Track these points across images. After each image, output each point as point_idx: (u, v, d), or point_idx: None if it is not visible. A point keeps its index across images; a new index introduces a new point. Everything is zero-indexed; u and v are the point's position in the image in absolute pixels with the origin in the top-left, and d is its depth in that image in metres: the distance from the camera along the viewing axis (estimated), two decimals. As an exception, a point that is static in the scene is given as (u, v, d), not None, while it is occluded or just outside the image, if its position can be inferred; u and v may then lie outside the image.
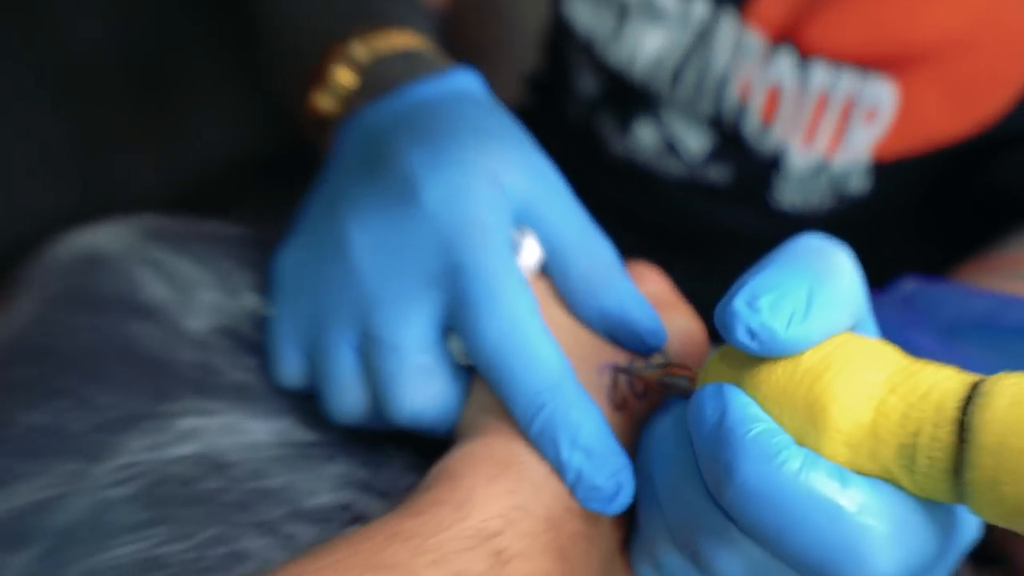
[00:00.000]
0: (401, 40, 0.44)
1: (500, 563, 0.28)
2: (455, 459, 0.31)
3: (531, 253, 0.34)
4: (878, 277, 0.41)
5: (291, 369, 0.36)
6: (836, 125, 0.53)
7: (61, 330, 0.37)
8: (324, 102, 0.43)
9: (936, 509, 0.23)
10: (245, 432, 0.35)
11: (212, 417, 0.35)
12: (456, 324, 0.32)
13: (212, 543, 0.31)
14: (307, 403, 0.36)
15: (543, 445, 0.30)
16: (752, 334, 0.23)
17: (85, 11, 1.09)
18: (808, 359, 0.24)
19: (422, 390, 0.33)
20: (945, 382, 0.22)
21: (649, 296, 0.34)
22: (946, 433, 0.21)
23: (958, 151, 0.53)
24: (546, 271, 0.34)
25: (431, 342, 0.33)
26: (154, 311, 0.37)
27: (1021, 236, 0.50)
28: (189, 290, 0.39)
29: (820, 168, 0.55)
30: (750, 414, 0.24)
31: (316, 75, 0.44)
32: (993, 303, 0.40)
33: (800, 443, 0.24)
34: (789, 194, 0.57)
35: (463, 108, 0.38)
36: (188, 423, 0.34)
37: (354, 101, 0.41)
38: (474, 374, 0.34)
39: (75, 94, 1.30)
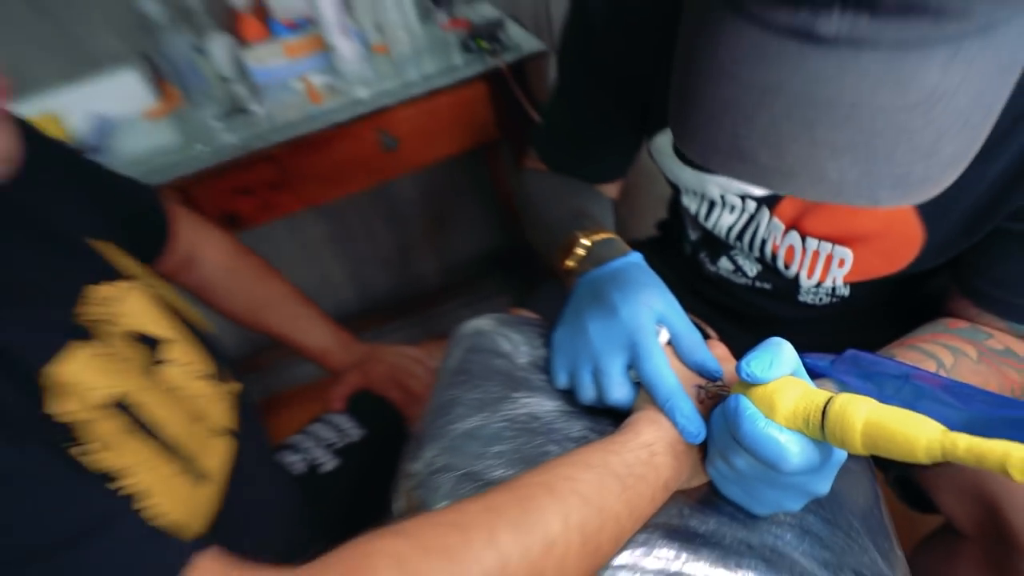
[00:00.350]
0: (604, 234, 0.66)
1: (651, 455, 0.47)
2: (632, 418, 0.51)
3: (664, 336, 0.55)
4: (856, 341, 0.60)
5: (561, 379, 0.59)
6: (823, 267, 0.70)
7: (471, 362, 0.61)
8: (569, 264, 0.65)
9: (819, 444, 0.43)
10: (544, 405, 0.58)
11: (530, 398, 0.58)
12: (634, 365, 0.54)
13: (513, 426, 0.55)
14: (568, 394, 0.59)
15: (669, 414, 0.50)
16: (747, 374, 0.43)
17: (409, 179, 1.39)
18: (770, 385, 0.44)
19: (619, 391, 0.55)
20: (820, 395, 0.41)
21: (716, 355, 0.55)
22: (818, 416, 0.40)
23: (893, 278, 0.68)
24: (671, 343, 0.55)
25: (623, 372, 0.55)
26: (504, 355, 0.62)
27: (923, 327, 0.65)
28: (517, 345, 0.63)
29: (818, 286, 0.72)
30: (746, 406, 0.44)
31: (564, 250, 0.66)
32: (885, 363, 0.52)
33: (767, 418, 0.43)
34: (804, 296, 0.75)
35: (633, 271, 0.60)
36: (522, 401, 0.57)
37: (583, 264, 0.64)
38: (640, 386, 0.54)
39: (400, 219, 1.75)
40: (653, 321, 0.56)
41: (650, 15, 0.64)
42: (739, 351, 0.55)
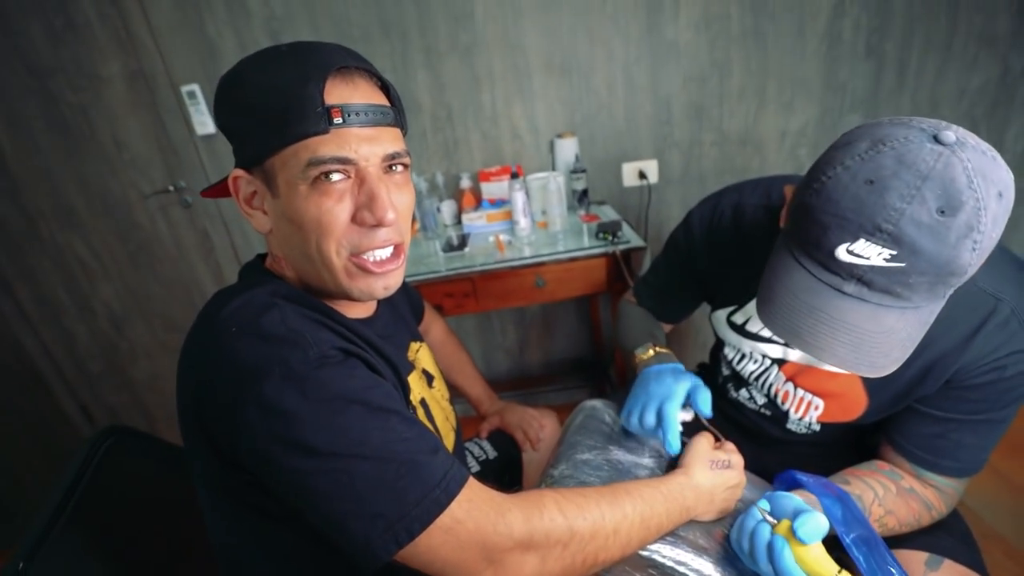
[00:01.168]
0: (665, 349, 0.76)
1: (681, 489, 0.57)
2: (674, 471, 0.60)
3: (688, 414, 0.65)
4: (831, 461, 0.67)
5: (632, 421, 0.68)
6: (805, 408, 0.72)
7: (587, 423, 0.71)
8: (643, 358, 0.75)
9: None
10: (625, 457, 0.67)
11: (618, 451, 0.67)
12: (660, 408, 0.64)
13: (608, 463, 0.64)
14: (637, 453, 0.68)
15: (663, 433, 0.61)
16: (799, 536, 0.48)
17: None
18: (809, 548, 0.49)
19: (651, 422, 0.65)
20: (832, 566, 0.47)
21: (726, 449, 0.63)
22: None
23: (846, 425, 0.71)
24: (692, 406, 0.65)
25: (655, 410, 0.65)
26: (606, 423, 0.72)
27: (862, 464, 0.67)
28: (613, 420, 0.73)
29: (800, 420, 0.74)
30: (787, 549, 0.50)
31: (642, 351, 0.76)
32: (853, 509, 0.55)
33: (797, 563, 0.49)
34: (790, 425, 0.76)
35: (678, 368, 0.69)
36: (613, 451, 0.67)
37: (649, 361, 0.74)
38: (686, 451, 0.63)
39: (524, 325, 1.89)
40: (686, 389, 0.65)
41: (729, 244, 0.74)
42: (744, 455, 0.64)
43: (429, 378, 0.72)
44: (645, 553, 0.56)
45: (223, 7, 1.48)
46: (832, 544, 0.52)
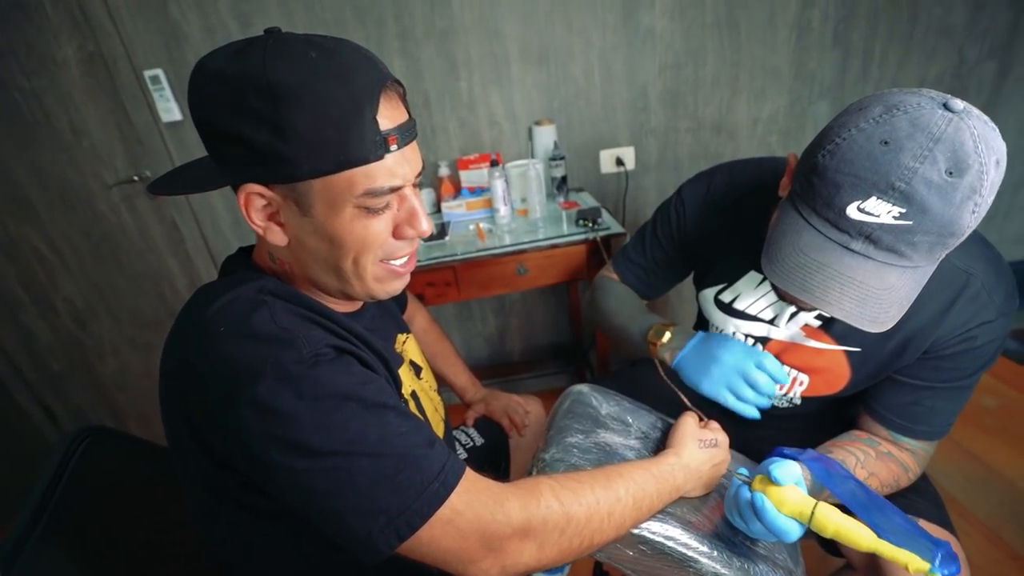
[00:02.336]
0: (673, 325, 0.75)
1: (671, 469, 0.58)
2: (664, 452, 0.62)
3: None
4: (812, 433, 0.70)
5: (719, 392, 0.69)
6: (790, 384, 0.75)
7: (575, 408, 0.71)
8: (662, 342, 0.74)
9: (802, 524, 0.52)
10: (613, 439, 0.67)
11: (606, 434, 0.67)
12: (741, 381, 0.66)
13: (596, 446, 0.64)
14: (625, 435, 0.69)
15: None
16: (774, 477, 0.52)
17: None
18: (782, 489, 0.52)
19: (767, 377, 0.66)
20: (809, 502, 0.51)
21: (712, 427, 0.65)
22: (808, 514, 0.51)
23: (829, 398, 0.73)
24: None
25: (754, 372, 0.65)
26: (594, 407, 0.72)
27: (841, 436, 0.70)
28: (600, 403, 0.73)
29: (784, 396, 0.77)
30: (768, 504, 0.52)
31: (656, 336, 0.75)
32: (837, 466, 0.56)
33: (777, 509, 0.52)
34: (775, 401, 0.78)
35: (721, 338, 0.70)
36: (601, 434, 0.67)
37: (671, 343, 0.74)
38: (673, 427, 0.65)
39: (504, 313, 1.83)
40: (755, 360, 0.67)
41: (721, 223, 0.75)
42: (726, 432, 0.66)
43: (417, 369, 0.72)
44: (636, 531, 0.58)
45: (186, -13, 1.41)
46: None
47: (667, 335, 0.75)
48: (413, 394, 0.65)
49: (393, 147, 0.47)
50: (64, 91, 1.48)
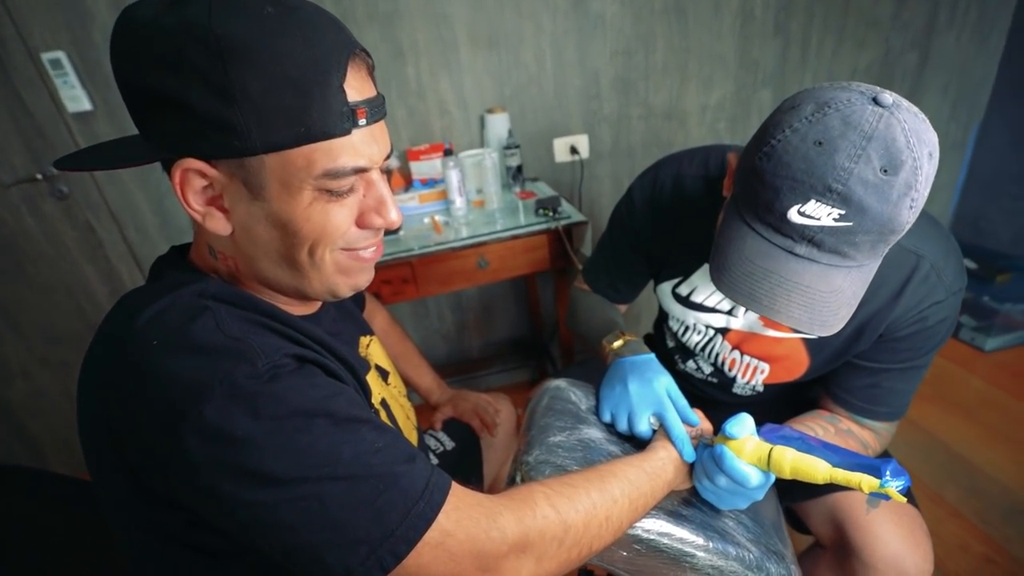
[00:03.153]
0: (633, 336, 0.74)
1: (663, 464, 0.57)
2: (653, 445, 0.60)
3: (655, 422, 0.63)
4: (775, 417, 0.68)
5: (606, 416, 0.67)
6: (751, 373, 0.77)
7: (554, 405, 0.68)
8: (613, 347, 0.73)
9: (764, 472, 0.54)
10: (596, 434, 0.65)
11: (589, 429, 0.65)
12: (658, 415, 0.63)
13: (580, 444, 0.62)
14: (609, 429, 0.67)
15: (678, 445, 0.59)
16: (729, 432, 0.54)
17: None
18: (740, 440, 0.54)
19: (644, 427, 0.63)
20: (766, 446, 0.54)
21: (699, 417, 0.64)
22: (766, 457, 0.53)
23: (790, 384, 0.75)
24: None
25: (648, 417, 0.64)
26: (573, 403, 0.70)
27: (804, 414, 0.70)
28: (580, 398, 0.71)
29: (747, 384, 0.78)
30: (727, 452, 0.54)
31: (609, 342, 0.74)
32: (789, 430, 0.56)
33: (738, 457, 0.54)
34: (736, 389, 0.80)
35: (655, 363, 0.68)
36: (584, 430, 0.65)
37: (621, 351, 0.72)
38: (660, 427, 0.64)
39: (462, 309, 1.78)
40: (666, 391, 0.65)
41: (671, 216, 0.74)
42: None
43: (384, 374, 0.67)
44: (629, 531, 0.55)
45: (89, -42, 1.26)
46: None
47: (618, 343, 0.74)
48: (383, 402, 0.60)
49: (362, 121, 0.42)
50: (-56, 77, 1.28)
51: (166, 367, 0.37)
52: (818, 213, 0.46)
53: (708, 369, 0.82)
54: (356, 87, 0.42)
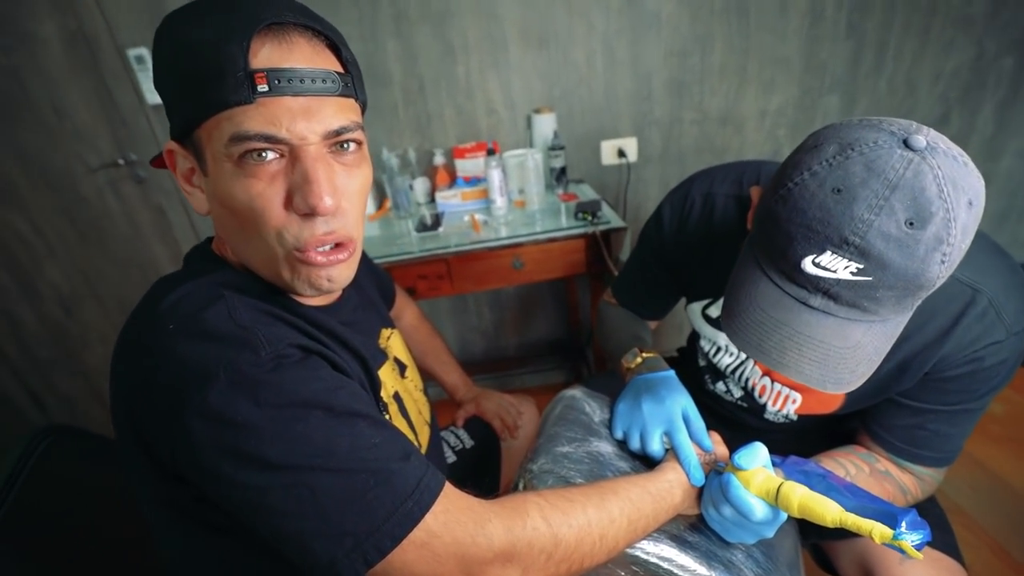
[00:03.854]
0: (653, 353, 0.72)
1: (670, 487, 0.55)
2: (662, 465, 0.58)
3: (666, 441, 0.61)
4: (810, 448, 0.67)
5: (619, 434, 0.66)
6: (782, 401, 0.73)
7: (567, 414, 0.68)
8: (631, 366, 0.72)
9: (772, 507, 0.51)
10: (606, 448, 0.64)
11: (599, 443, 0.64)
12: (668, 434, 0.61)
13: (589, 456, 0.61)
14: (621, 445, 0.65)
15: (685, 467, 0.57)
16: (737, 463, 0.52)
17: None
18: (750, 471, 0.52)
19: (655, 447, 0.62)
20: (775, 481, 0.51)
21: (712, 439, 0.61)
22: (774, 492, 0.50)
23: (825, 417, 0.71)
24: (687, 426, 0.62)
25: (660, 437, 0.62)
26: (587, 414, 0.69)
27: (839, 448, 0.67)
28: (594, 409, 0.70)
29: (778, 412, 0.74)
30: (734, 481, 0.52)
31: (628, 359, 0.73)
32: (812, 465, 0.55)
33: (746, 488, 0.52)
34: (768, 416, 0.76)
35: (673, 381, 0.66)
36: (594, 443, 0.64)
37: (639, 368, 0.71)
38: (667, 449, 0.62)
39: (500, 307, 1.75)
40: (681, 411, 0.62)
41: (701, 237, 0.72)
42: (726, 445, 0.63)
43: (402, 367, 0.68)
44: (629, 551, 0.54)
45: (171, -38, 1.35)
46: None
47: (636, 361, 0.73)
48: (396, 396, 0.61)
49: (262, 87, 0.40)
50: (44, 69, 1.43)
51: (178, 351, 0.40)
52: (834, 266, 0.43)
53: (738, 392, 0.79)
54: (269, 56, 0.41)
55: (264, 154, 0.42)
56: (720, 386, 0.82)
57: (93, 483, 0.68)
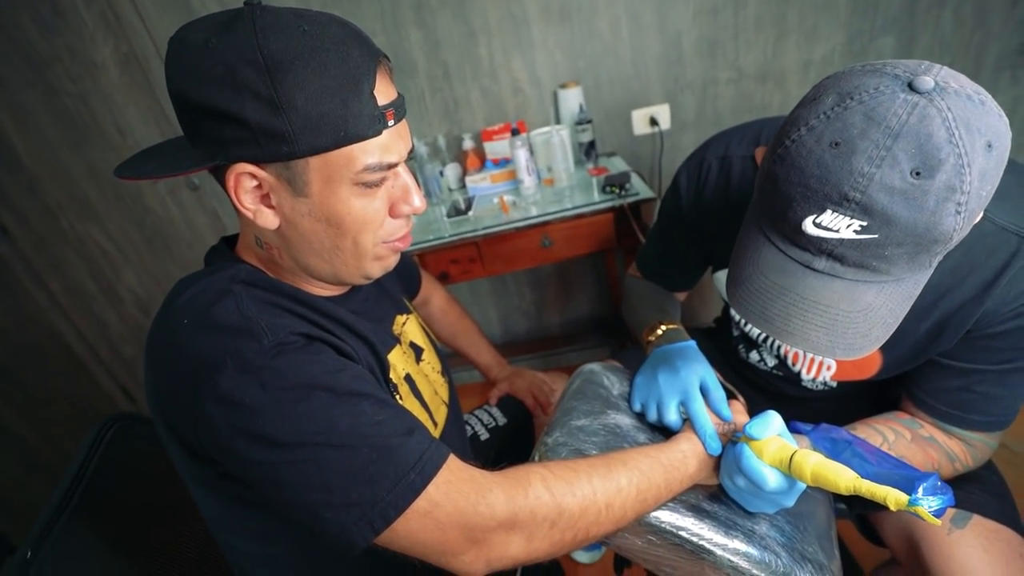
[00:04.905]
0: (674, 325, 0.71)
1: (684, 457, 0.54)
2: (676, 435, 0.57)
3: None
4: (852, 415, 0.65)
5: (636, 405, 0.65)
6: (817, 368, 0.70)
7: (585, 388, 0.67)
8: (650, 338, 0.71)
9: (787, 477, 0.49)
10: (624, 421, 0.63)
11: (617, 415, 0.64)
12: (683, 404, 0.60)
13: (605, 429, 0.61)
14: (639, 418, 0.65)
15: (701, 436, 0.56)
16: (748, 433, 0.50)
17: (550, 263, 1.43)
18: (763, 440, 0.51)
19: (672, 417, 0.61)
20: (789, 449, 0.49)
21: (733, 409, 0.59)
22: (787, 461, 0.48)
23: (863, 382, 0.69)
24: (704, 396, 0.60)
25: (676, 407, 0.61)
26: (605, 387, 0.68)
27: (880, 415, 0.64)
28: (613, 383, 0.69)
29: (814, 380, 0.72)
30: (747, 451, 0.50)
31: (649, 331, 0.72)
32: (841, 432, 0.55)
33: (758, 458, 0.51)
34: (805, 383, 0.74)
35: (691, 351, 0.65)
36: (612, 415, 0.64)
37: (659, 340, 0.70)
38: (684, 419, 0.62)
39: (540, 286, 1.70)
40: (698, 381, 0.61)
41: (719, 203, 0.69)
42: (758, 411, 0.59)
43: (418, 351, 0.70)
44: (646, 519, 0.54)
45: (205, -22, 1.43)
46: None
47: (657, 331, 0.72)
48: (407, 377, 0.63)
49: (391, 122, 0.47)
50: (106, 92, 1.55)
51: (191, 342, 0.44)
52: (836, 225, 0.40)
53: (772, 361, 0.77)
54: (383, 92, 0.46)
55: (386, 180, 0.50)
56: (754, 355, 0.80)
57: (153, 463, 0.75)
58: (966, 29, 1.50)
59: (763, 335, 0.74)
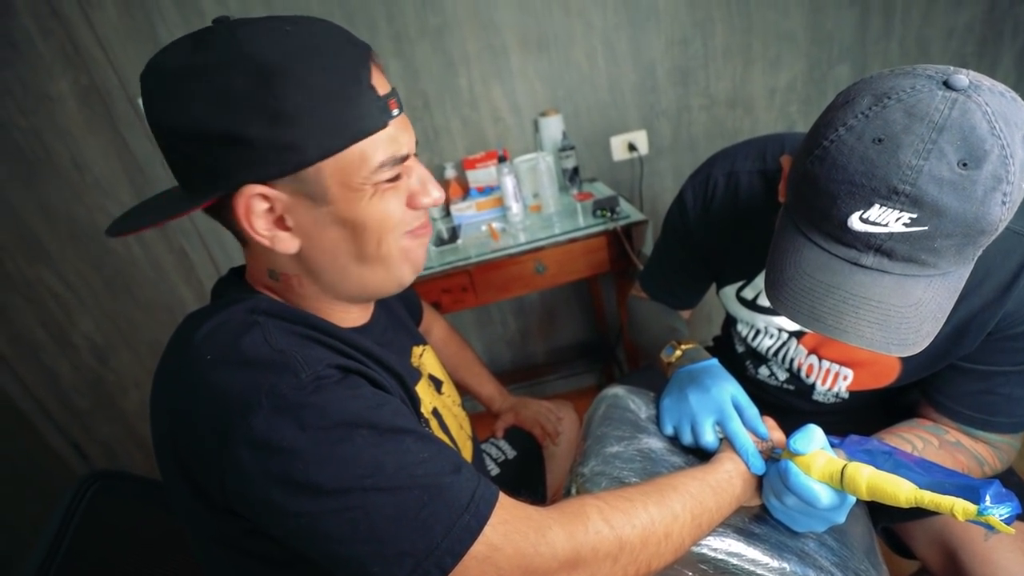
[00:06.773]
0: (690, 344, 0.71)
1: (730, 478, 0.53)
2: (718, 456, 0.56)
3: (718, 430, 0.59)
4: (865, 427, 0.64)
5: (668, 429, 0.65)
6: (832, 379, 0.70)
7: (612, 413, 0.66)
8: (670, 360, 0.70)
9: (838, 492, 0.48)
10: (657, 444, 0.62)
11: (649, 439, 0.63)
12: (720, 424, 0.59)
13: (640, 454, 0.60)
14: (671, 440, 0.64)
15: (743, 455, 0.55)
16: (793, 448, 0.49)
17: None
18: (808, 455, 0.50)
19: (708, 438, 0.60)
20: (839, 462, 0.48)
21: (766, 425, 0.59)
22: (838, 475, 0.48)
23: (880, 391, 0.69)
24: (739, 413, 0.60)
25: (712, 427, 0.60)
26: (632, 411, 0.67)
27: (901, 423, 0.64)
28: (639, 406, 0.68)
29: (828, 391, 0.72)
30: (793, 468, 0.49)
31: (665, 355, 0.71)
32: (875, 443, 0.55)
33: (806, 474, 0.50)
34: (817, 397, 0.74)
35: (717, 368, 0.65)
36: (644, 440, 0.63)
37: (680, 361, 0.69)
38: (721, 439, 0.60)
39: (524, 314, 1.76)
40: (731, 399, 0.61)
41: (727, 217, 0.70)
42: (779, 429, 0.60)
43: (438, 384, 0.68)
44: (695, 548, 0.52)
45: (174, 9, 1.40)
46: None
47: (677, 353, 0.71)
48: (435, 411, 0.60)
49: (395, 111, 0.45)
50: (62, 126, 1.47)
51: (218, 381, 0.40)
52: (884, 219, 0.41)
53: (783, 376, 0.77)
54: (379, 83, 0.44)
55: (402, 174, 0.48)
56: (763, 371, 0.79)
57: (140, 525, 0.69)
58: (910, 59, 1.63)
59: (772, 349, 0.74)
